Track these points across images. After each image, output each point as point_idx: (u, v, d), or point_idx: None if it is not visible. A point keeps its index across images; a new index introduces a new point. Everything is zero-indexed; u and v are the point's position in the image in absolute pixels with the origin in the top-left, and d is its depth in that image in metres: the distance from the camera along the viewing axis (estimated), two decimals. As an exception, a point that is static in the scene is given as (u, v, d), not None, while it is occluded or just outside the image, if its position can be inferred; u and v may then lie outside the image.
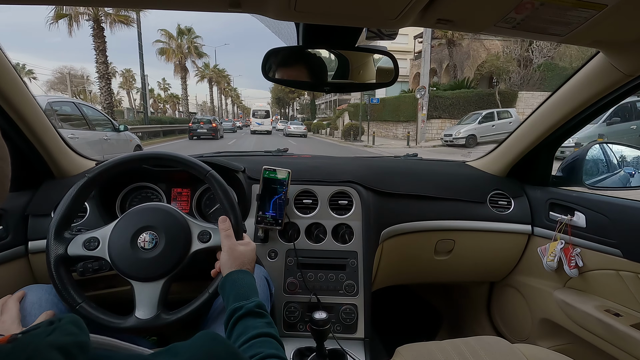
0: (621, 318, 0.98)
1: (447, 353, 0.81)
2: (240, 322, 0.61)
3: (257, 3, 0.60)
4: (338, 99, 38.27)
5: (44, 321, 0.36)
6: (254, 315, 0.62)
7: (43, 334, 0.33)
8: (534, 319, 1.29)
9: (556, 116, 1.10)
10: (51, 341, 0.32)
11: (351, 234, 1.11)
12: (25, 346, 0.31)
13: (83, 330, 0.37)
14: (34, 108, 0.98)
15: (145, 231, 0.75)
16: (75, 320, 0.37)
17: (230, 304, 0.64)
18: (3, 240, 0.96)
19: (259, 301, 0.65)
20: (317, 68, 0.87)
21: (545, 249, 1.20)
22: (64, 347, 0.32)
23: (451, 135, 13.55)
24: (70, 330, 0.35)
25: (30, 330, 0.34)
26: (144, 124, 17.33)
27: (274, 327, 0.62)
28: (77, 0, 0.67)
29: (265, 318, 0.62)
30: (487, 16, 0.63)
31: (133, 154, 0.82)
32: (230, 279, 0.69)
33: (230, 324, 0.62)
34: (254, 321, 0.60)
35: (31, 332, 0.33)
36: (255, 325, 0.59)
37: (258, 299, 0.66)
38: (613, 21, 0.63)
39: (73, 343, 0.34)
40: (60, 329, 0.34)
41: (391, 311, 1.80)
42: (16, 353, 0.30)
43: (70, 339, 0.34)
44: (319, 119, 37.88)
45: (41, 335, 0.33)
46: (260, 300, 0.65)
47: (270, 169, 1.05)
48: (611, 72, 0.88)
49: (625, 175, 1.24)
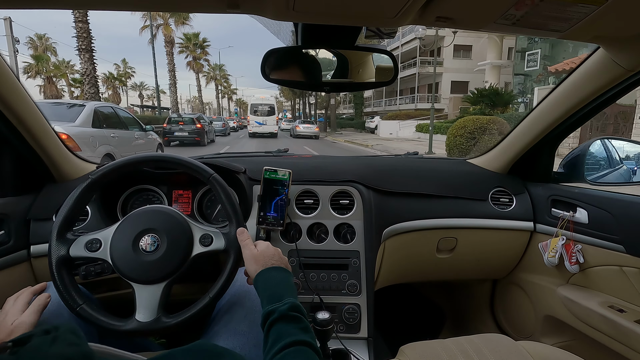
0: (625, 314, 0.97)
1: (450, 351, 0.81)
2: (274, 327, 0.58)
3: (255, 4, 0.60)
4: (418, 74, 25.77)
5: (38, 330, 0.35)
6: (288, 319, 0.59)
7: (44, 344, 0.32)
8: (537, 316, 1.29)
9: (557, 112, 1.10)
10: (57, 353, 0.32)
11: (353, 234, 1.11)
12: (31, 357, 0.31)
13: (83, 339, 0.37)
14: (33, 112, 0.98)
15: (147, 234, 0.75)
16: (73, 329, 0.37)
17: (264, 307, 0.62)
18: (5, 245, 0.96)
19: (292, 302, 0.62)
20: (317, 68, 0.87)
21: (546, 244, 1.20)
22: (71, 359, 0.32)
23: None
24: (71, 340, 0.34)
25: (25, 339, 0.33)
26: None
27: (309, 332, 0.59)
28: (76, 4, 0.67)
29: (300, 323, 0.59)
30: (487, 13, 0.62)
31: (134, 156, 0.82)
32: (262, 278, 0.68)
33: (265, 329, 0.60)
34: (287, 327, 0.58)
35: (32, 343, 0.33)
36: (289, 331, 0.57)
37: (292, 299, 0.63)
38: (613, 16, 0.63)
39: (78, 354, 0.33)
40: (60, 338, 0.34)
41: (394, 310, 1.80)
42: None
43: (75, 349, 0.33)
44: (366, 115, 30.80)
45: (43, 345, 0.32)
46: (294, 300, 0.63)
47: (271, 170, 1.05)
48: (612, 67, 0.88)
49: (627, 171, 1.24)
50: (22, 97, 0.93)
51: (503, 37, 18.14)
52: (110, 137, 5.88)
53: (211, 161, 1.08)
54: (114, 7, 0.65)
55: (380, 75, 0.89)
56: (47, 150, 1.04)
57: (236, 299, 0.81)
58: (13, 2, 0.61)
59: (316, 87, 0.92)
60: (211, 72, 50.55)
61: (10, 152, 1.02)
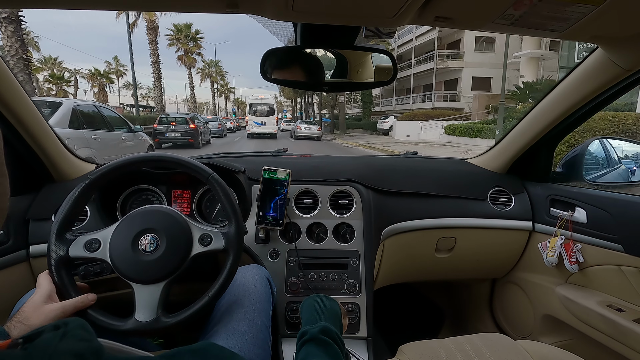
0: (624, 313, 0.98)
1: (450, 351, 0.81)
2: (304, 347, 0.61)
3: (254, 3, 0.60)
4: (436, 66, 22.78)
5: (48, 325, 0.35)
6: (317, 342, 0.61)
7: (53, 339, 0.32)
8: (536, 315, 1.29)
9: (556, 112, 1.10)
10: (67, 348, 0.31)
11: (352, 233, 1.11)
12: (41, 353, 0.30)
13: (92, 335, 0.37)
14: (33, 112, 0.97)
15: (147, 233, 0.75)
16: (83, 324, 0.37)
17: (302, 328, 0.66)
18: (4, 245, 0.96)
19: (324, 325, 0.64)
20: (316, 67, 0.87)
21: (545, 244, 1.20)
22: (81, 354, 0.32)
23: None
24: (82, 336, 0.34)
25: (34, 335, 0.33)
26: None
27: (338, 357, 0.60)
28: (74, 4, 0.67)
29: (329, 347, 0.61)
30: (486, 13, 0.63)
31: (134, 156, 0.82)
32: (306, 304, 0.77)
33: (297, 347, 0.63)
34: (316, 349, 0.60)
35: (42, 338, 0.33)
36: (315, 354, 0.59)
37: (325, 323, 0.66)
38: (611, 16, 0.63)
39: (89, 350, 0.33)
40: (70, 334, 0.34)
41: (393, 310, 1.80)
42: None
43: (85, 345, 0.33)
44: (374, 114, 28.15)
45: (52, 341, 0.32)
46: (327, 324, 0.65)
47: (271, 170, 1.05)
48: (610, 67, 0.88)
49: (626, 170, 1.24)
50: (21, 97, 0.93)
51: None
52: (92, 139, 5.35)
53: (210, 161, 1.08)
54: (113, 7, 0.65)
55: (379, 75, 0.89)
56: (46, 150, 1.04)
57: (235, 299, 0.82)
58: (13, 2, 0.61)
59: (315, 86, 0.92)
60: (206, 69, 47.33)
61: (9, 152, 1.02)
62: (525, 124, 1.23)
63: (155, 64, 21.39)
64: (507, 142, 1.33)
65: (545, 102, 1.14)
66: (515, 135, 1.28)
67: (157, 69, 21.58)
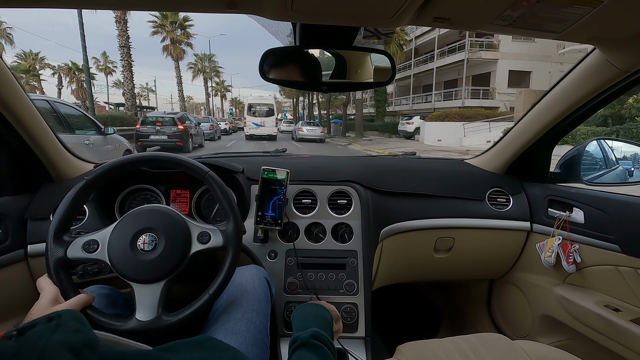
0: (621, 313, 0.98)
1: (448, 351, 0.82)
2: (296, 353, 0.61)
3: (253, 3, 0.60)
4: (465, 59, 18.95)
5: (41, 317, 0.35)
6: (309, 347, 0.62)
7: (46, 331, 0.32)
8: (534, 315, 1.29)
9: (554, 113, 1.11)
10: (60, 340, 0.31)
11: (351, 233, 1.11)
12: (34, 345, 0.30)
13: (87, 326, 0.36)
14: (31, 112, 0.97)
15: (145, 233, 0.74)
16: (76, 315, 0.36)
17: (293, 335, 0.67)
18: (2, 244, 0.96)
19: (315, 330, 0.65)
20: (315, 68, 0.87)
21: (543, 245, 1.20)
22: (74, 346, 0.31)
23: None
24: (75, 327, 0.34)
25: (28, 327, 0.33)
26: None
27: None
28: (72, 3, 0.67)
29: (320, 351, 0.61)
30: (484, 14, 0.63)
31: (131, 156, 0.82)
32: (298, 312, 0.77)
33: (289, 354, 0.64)
34: (308, 354, 0.60)
35: (34, 330, 0.32)
36: (307, 358, 0.59)
37: (316, 328, 0.67)
38: (608, 17, 0.63)
39: (83, 342, 0.33)
40: (63, 325, 0.33)
41: (392, 310, 1.80)
42: (24, 353, 0.29)
43: (79, 337, 0.33)
44: (390, 115, 24.02)
45: (45, 333, 0.32)
46: (318, 329, 0.66)
47: (269, 170, 1.05)
48: (607, 68, 0.88)
49: (623, 171, 1.24)
50: (20, 96, 0.93)
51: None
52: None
53: (209, 161, 1.08)
54: (113, 7, 0.65)
55: (378, 76, 0.89)
56: (45, 150, 1.04)
57: (233, 298, 0.82)
58: (13, 1, 0.61)
59: (314, 87, 0.92)
60: (199, 64, 40.57)
61: (7, 151, 1.02)
62: (523, 125, 1.23)
63: (125, 48, 16.60)
64: (505, 143, 1.33)
65: (542, 104, 1.14)
66: (513, 136, 1.29)
67: (126, 55, 16.74)
